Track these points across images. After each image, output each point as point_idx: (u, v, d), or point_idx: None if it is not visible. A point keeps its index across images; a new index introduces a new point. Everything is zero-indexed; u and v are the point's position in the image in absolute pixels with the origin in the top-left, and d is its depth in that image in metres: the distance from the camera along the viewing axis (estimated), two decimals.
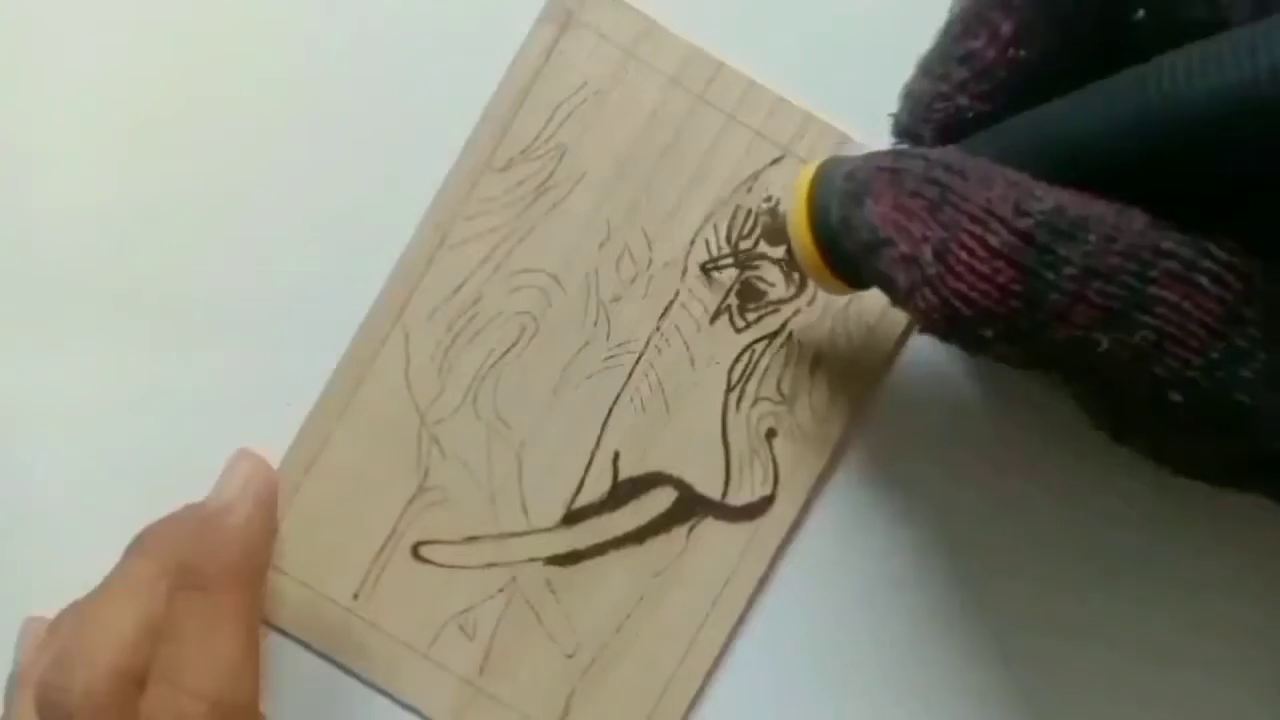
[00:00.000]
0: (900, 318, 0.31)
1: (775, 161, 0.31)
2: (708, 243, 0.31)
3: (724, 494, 0.31)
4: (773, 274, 0.31)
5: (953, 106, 0.24)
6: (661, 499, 0.31)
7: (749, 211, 0.31)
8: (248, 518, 0.30)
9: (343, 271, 0.31)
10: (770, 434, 0.31)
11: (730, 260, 0.31)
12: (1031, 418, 0.31)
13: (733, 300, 0.31)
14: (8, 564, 0.32)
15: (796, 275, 0.31)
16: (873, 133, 0.30)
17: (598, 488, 0.31)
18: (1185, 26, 0.22)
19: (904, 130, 0.25)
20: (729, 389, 0.31)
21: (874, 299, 0.31)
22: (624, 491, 0.31)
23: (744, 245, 0.31)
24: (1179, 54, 0.20)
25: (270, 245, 0.32)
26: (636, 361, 0.31)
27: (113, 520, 0.31)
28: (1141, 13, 0.23)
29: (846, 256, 0.25)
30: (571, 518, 0.31)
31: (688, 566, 0.31)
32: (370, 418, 0.31)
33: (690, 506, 0.31)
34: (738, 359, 0.31)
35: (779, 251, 0.30)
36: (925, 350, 0.31)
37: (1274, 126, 0.19)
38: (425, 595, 0.31)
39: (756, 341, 0.31)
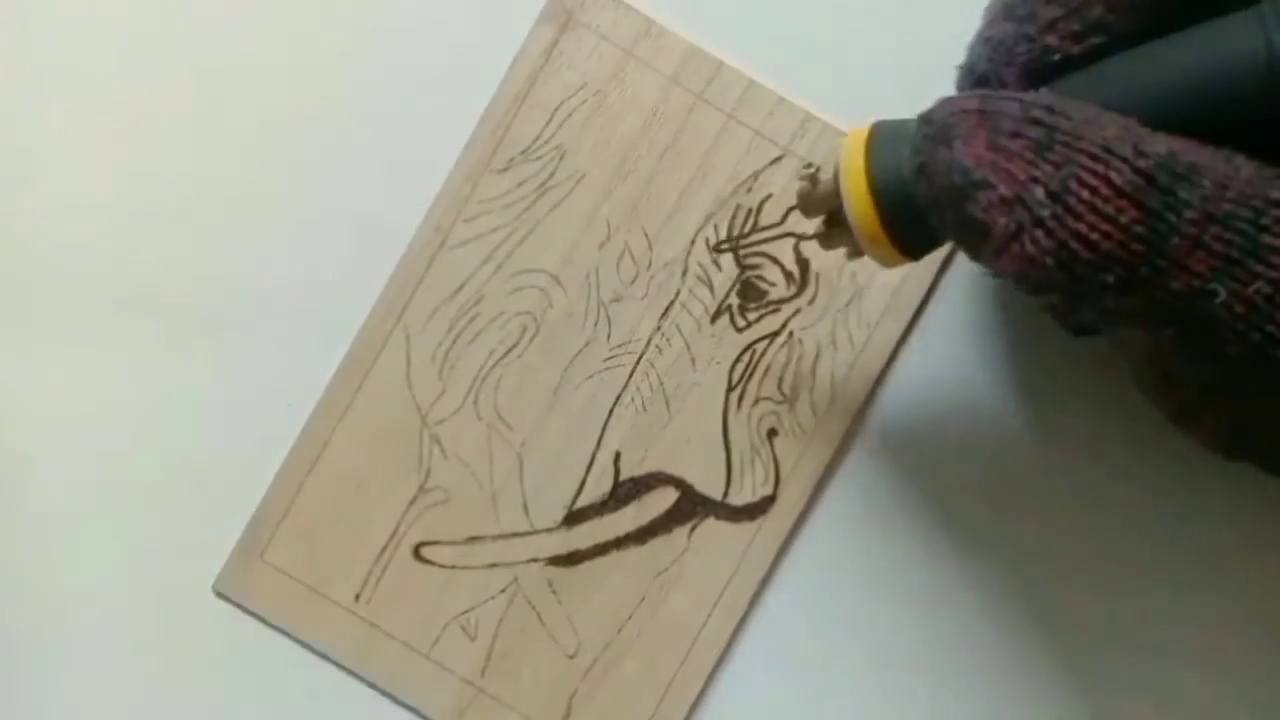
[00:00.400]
0: (901, 317, 0.31)
1: (775, 161, 0.31)
2: (708, 242, 0.31)
3: (725, 494, 0.31)
4: (774, 274, 0.31)
5: (1038, 48, 0.23)
6: (663, 499, 0.31)
7: (749, 211, 0.31)
8: None
9: (343, 271, 0.31)
10: (771, 433, 0.31)
11: (730, 252, 0.31)
12: (1032, 418, 0.31)
13: (733, 300, 0.31)
14: (7, 563, 0.32)
15: (797, 274, 0.31)
16: None
17: (599, 488, 0.31)
18: None
19: (980, 78, 0.24)
20: (730, 389, 0.31)
21: (875, 298, 0.31)
22: (625, 492, 0.31)
23: (745, 245, 0.31)
24: None
25: (270, 245, 0.32)
26: (637, 361, 0.31)
27: (113, 520, 0.31)
28: None
29: (905, 214, 0.24)
30: (573, 518, 0.31)
31: (689, 566, 0.31)
32: (371, 418, 0.31)
33: (691, 506, 0.31)
34: (738, 359, 0.31)
35: (814, 225, 0.28)
36: (926, 350, 0.31)
37: None
38: (427, 596, 0.31)
39: (757, 341, 0.31)
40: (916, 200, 0.23)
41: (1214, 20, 0.21)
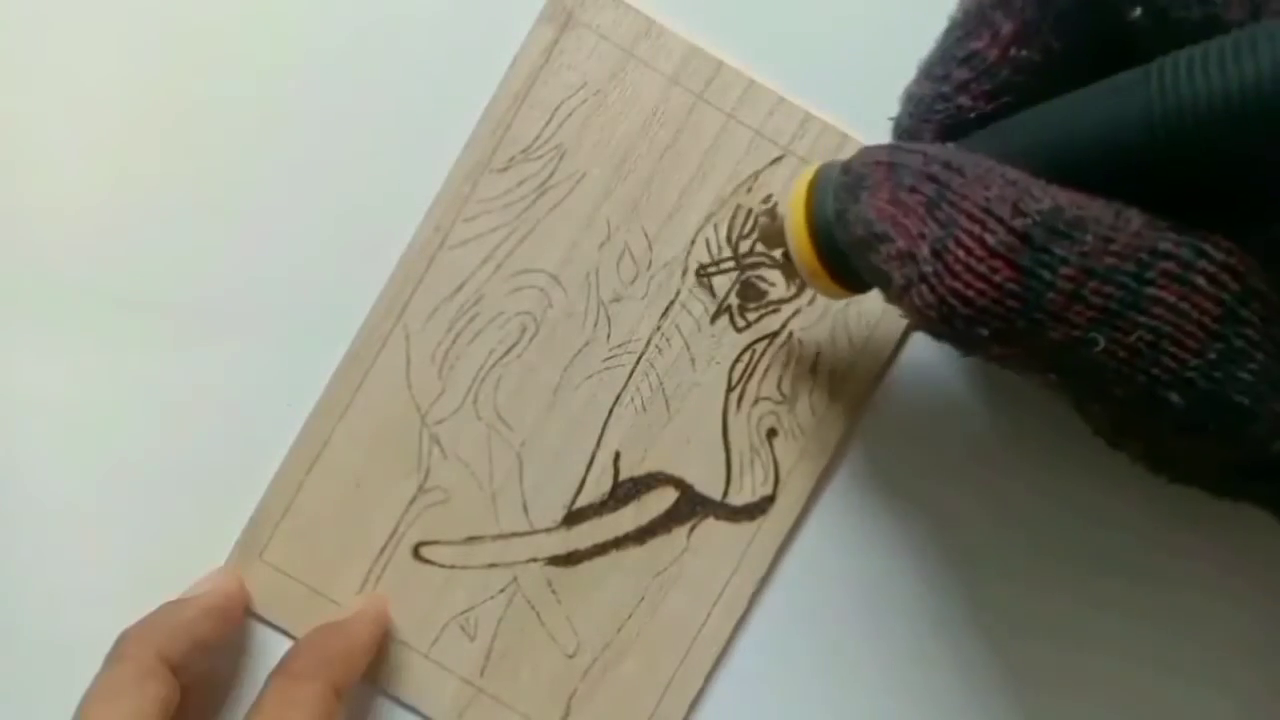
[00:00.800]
0: (902, 318, 0.31)
1: (775, 161, 0.31)
2: (708, 242, 0.31)
3: (725, 494, 0.31)
4: (773, 274, 0.31)
5: (953, 107, 0.24)
6: (662, 499, 0.31)
7: (749, 211, 0.31)
8: (369, 635, 0.30)
9: (343, 271, 0.31)
10: (771, 434, 0.31)
11: (731, 263, 0.31)
12: (1032, 418, 0.31)
13: (733, 300, 0.31)
14: (6, 564, 0.32)
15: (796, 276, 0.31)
16: (873, 133, 0.30)
17: (598, 488, 0.31)
18: (1181, 27, 0.22)
19: (905, 132, 0.25)
20: (729, 389, 0.31)
21: (875, 298, 0.31)
22: (625, 491, 0.31)
23: (744, 247, 0.31)
24: (1179, 54, 0.20)
25: (270, 245, 0.32)
26: (637, 361, 0.31)
27: (112, 520, 0.31)
28: (1138, 11, 0.23)
29: (841, 254, 0.25)
30: (572, 518, 0.31)
31: (688, 566, 0.31)
32: (371, 418, 0.31)
33: (691, 506, 0.31)
34: (738, 359, 0.31)
35: (777, 254, 0.30)
36: (926, 350, 0.31)
37: (1272, 128, 0.19)
38: (426, 596, 0.31)
39: (757, 341, 0.31)
40: (840, 243, 0.25)
41: (1111, 77, 0.22)
